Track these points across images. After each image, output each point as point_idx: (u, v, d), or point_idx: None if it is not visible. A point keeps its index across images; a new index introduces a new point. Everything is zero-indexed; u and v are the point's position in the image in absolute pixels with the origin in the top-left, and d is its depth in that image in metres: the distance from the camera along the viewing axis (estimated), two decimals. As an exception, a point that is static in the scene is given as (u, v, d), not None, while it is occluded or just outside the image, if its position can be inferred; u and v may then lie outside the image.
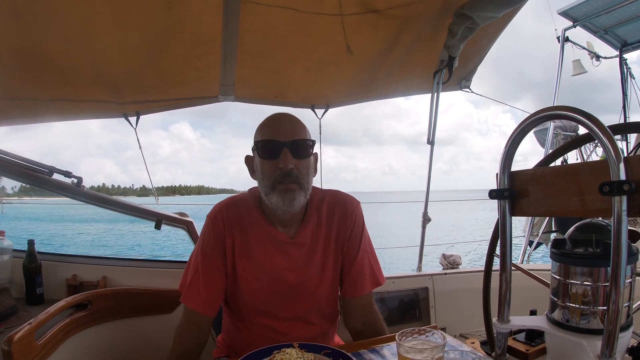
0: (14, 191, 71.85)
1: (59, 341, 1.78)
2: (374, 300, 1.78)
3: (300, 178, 1.52)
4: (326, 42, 2.49)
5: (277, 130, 1.53)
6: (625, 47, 5.77)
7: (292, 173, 1.49)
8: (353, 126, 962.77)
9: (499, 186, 1.36)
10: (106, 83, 2.51)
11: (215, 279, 1.62)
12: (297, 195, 1.51)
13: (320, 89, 3.16)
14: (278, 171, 1.49)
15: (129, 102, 2.82)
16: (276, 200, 1.51)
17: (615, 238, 1.03)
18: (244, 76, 2.74)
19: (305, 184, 1.54)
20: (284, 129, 1.53)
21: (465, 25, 2.28)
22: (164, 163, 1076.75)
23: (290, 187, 1.50)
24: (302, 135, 1.55)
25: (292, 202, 1.50)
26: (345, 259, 1.70)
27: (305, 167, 1.54)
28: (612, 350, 1.06)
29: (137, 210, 2.62)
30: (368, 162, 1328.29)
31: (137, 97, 2.79)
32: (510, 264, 1.39)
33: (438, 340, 1.17)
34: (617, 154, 1.02)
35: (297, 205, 1.52)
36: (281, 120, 1.57)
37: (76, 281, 2.38)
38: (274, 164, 1.50)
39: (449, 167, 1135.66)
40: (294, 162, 1.50)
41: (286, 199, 1.50)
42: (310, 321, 1.69)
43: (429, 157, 3.07)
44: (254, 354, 1.29)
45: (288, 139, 1.50)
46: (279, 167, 1.49)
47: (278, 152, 1.49)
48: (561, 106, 1.17)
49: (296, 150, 1.51)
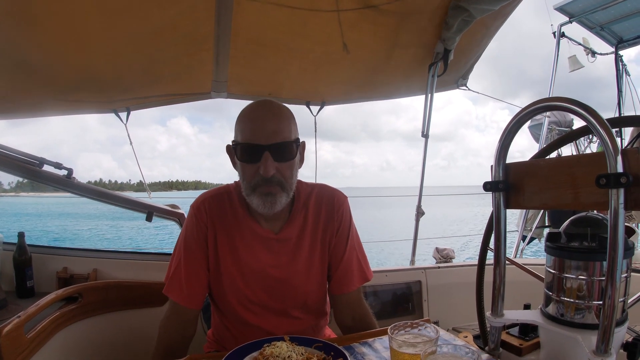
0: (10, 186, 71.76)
1: (49, 334, 1.76)
2: (362, 295, 1.76)
3: (283, 181, 1.46)
4: (322, 41, 2.46)
5: (257, 131, 1.43)
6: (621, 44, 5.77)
7: (273, 178, 1.43)
8: (352, 122, 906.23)
9: (494, 178, 1.35)
10: (95, 81, 2.46)
11: (197, 271, 1.59)
12: (278, 198, 1.46)
13: (315, 87, 3.12)
14: (259, 175, 1.43)
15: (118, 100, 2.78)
16: (257, 202, 1.46)
17: (612, 232, 1.02)
18: (238, 73, 2.69)
19: (289, 185, 1.48)
20: (266, 130, 1.42)
21: (462, 18, 2.27)
22: (162, 158, 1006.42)
23: (272, 190, 1.44)
24: (286, 135, 1.45)
25: (273, 205, 1.46)
26: (332, 256, 1.67)
27: (289, 169, 1.47)
28: (608, 346, 1.05)
29: (128, 202, 2.60)
30: (366, 158, 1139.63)
31: (127, 95, 2.74)
32: (504, 257, 1.38)
33: (431, 334, 1.15)
34: (615, 146, 1.00)
35: (278, 207, 1.47)
36: (263, 119, 1.45)
37: (67, 274, 2.35)
38: (254, 167, 1.43)
39: (447, 163, 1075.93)
40: (275, 166, 1.43)
41: (267, 202, 1.45)
42: (298, 317, 1.67)
43: (423, 150, 3.07)
44: (245, 347, 1.28)
45: (270, 141, 1.41)
46: (260, 172, 1.42)
47: (258, 156, 1.41)
48: (558, 97, 1.16)
49: (278, 153, 1.42)
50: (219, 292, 1.63)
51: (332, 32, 2.30)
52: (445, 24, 2.37)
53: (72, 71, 2.29)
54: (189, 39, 2.27)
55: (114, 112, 2.85)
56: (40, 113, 2.80)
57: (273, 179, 1.43)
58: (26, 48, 2.00)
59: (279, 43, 2.44)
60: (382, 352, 1.34)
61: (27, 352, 1.57)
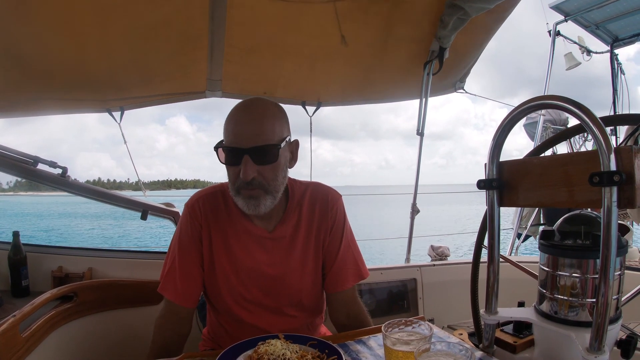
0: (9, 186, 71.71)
1: (44, 334, 1.76)
2: (357, 293, 1.75)
3: (265, 184, 1.44)
4: (318, 36, 2.45)
5: (238, 134, 1.42)
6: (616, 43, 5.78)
7: (253, 182, 1.42)
8: (351, 121, 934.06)
9: (488, 176, 1.35)
10: (88, 80, 2.45)
11: (191, 270, 1.59)
12: (262, 200, 1.45)
13: (311, 86, 3.10)
14: (240, 179, 1.42)
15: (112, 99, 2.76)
16: (241, 204, 1.47)
17: (605, 230, 1.02)
18: (232, 71, 2.68)
19: (272, 187, 1.46)
20: (246, 132, 1.41)
21: (457, 16, 2.27)
22: (161, 157, 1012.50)
23: (253, 193, 1.44)
24: (268, 137, 1.42)
25: (257, 208, 1.45)
26: (327, 254, 1.67)
27: (271, 172, 1.45)
28: (601, 343, 1.06)
29: (123, 200, 2.59)
30: (365, 156, 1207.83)
31: (121, 94, 2.72)
32: (498, 255, 1.38)
33: (425, 332, 1.15)
34: (608, 144, 1.01)
35: (263, 209, 1.47)
36: (244, 122, 1.43)
37: (62, 273, 2.35)
38: (236, 169, 1.42)
39: (445, 162, 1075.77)
40: (256, 169, 1.41)
41: (250, 205, 1.45)
42: (293, 315, 1.67)
43: (419, 148, 3.06)
44: (239, 345, 1.28)
45: (249, 144, 1.39)
46: (240, 176, 1.41)
47: (239, 159, 1.40)
48: (552, 95, 1.16)
49: (259, 156, 1.40)
50: (213, 290, 1.63)
51: (327, 25, 2.30)
52: (441, 22, 2.37)
53: (65, 69, 2.28)
54: (183, 37, 2.26)
55: (108, 111, 2.82)
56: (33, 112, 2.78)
57: (254, 182, 1.41)
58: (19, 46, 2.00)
59: (274, 39, 2.44)
60: (376, 350, 1.34)
61: (23, 351, 1.56)
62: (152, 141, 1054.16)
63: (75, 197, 2.56)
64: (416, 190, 3.05)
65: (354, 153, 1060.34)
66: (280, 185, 1.50)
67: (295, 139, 1.58)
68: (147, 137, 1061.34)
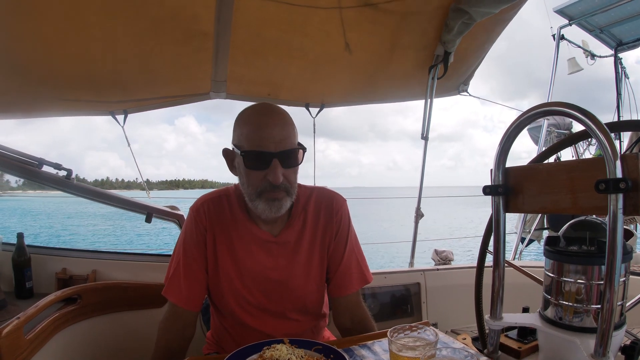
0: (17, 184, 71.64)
1: (48, 336, 1.76)
2: (361, 297, 1.76)
3: (289, 187, 1.47)
4: (322, 41, 2.45)
5: (266, 138, 1.41)
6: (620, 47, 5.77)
7: (281, 185, 1.44)
8: (359, 122, 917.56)
9: (493, 182, 1.35)
10: (91, 83, 2.45)
11: (196, 273, 1.59)
12: (284, 202, 1.47)
13: (315, 88, 3.10)
14: (266, 182, 1.43)
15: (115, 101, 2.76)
16: (262, 207, 1.47)
17: (611, 236, 1.02)
18: (237, 72, 2.67)
19: (293, 190, 1.50)
20: (274, 137, 1.42)
21: (462, 21, 2.27)
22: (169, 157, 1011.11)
23: (278, 196, 1.45)
24: (292, 142, 1.46)
25: (279, 210, 1.47)
26: (331, 258, 1.67)
27: (294, 175, 1.49)
28: (606, 349, 1.06)
29: (127, 203, 2.59)
30: (372, 158, 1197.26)
31: (125, 96, 2.72)
32: (503, 260, 1.39)
33: (430, 337, 1.15)
34: (614, 151, 1.01)
35: (283, 212, 1.49)
36: (270, 125, 1.43)
37: (66, 275, 2.34)
38: (262, 174, 1.43)
39: (454, 164, 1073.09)
40: (283, 173, 1.43)
41: (273, 207, 1.46)
42: (297, 319, 1.67)
43: (423, 152, 3.07)
44: (244, 349, 1.27)
45: (278, 149, 1.41)
46: (267, 178, 1.42)
47: (267, 163, 1.41)
48: (557, 102, 1.16)
49: (286, 160, 1.43)
50: (217, 294, 1.63)
51: (332, 31, 2.29)
52: (446, 26, 2.37)
53: (68, 71, 2.28)
54: (188, 37, 2.25)
55: (111, 114, 2.82)
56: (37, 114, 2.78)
57: (281, 185, 1.43)
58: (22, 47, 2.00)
59: (279, 41, 2.43)
60: (381, 355, 1.34)
61: (27, 354, 1.56)
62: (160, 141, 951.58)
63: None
64: (420, 194, 3.05)
65: (362, 154, 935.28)
66: (296, 187, 1.53)
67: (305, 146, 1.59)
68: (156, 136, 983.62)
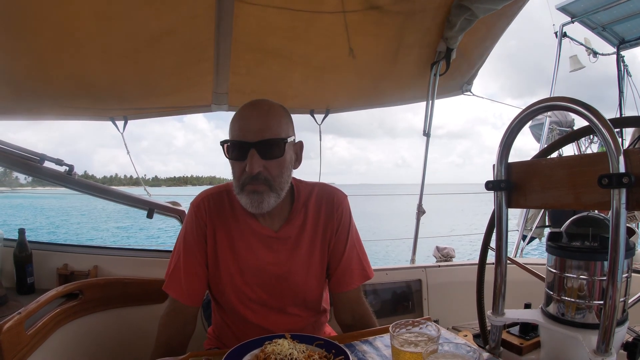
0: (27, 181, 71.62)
1: (49, 331, 1.77)
2: (362, 293, 1.76)
3: (270, 179, 1.45)
4: (326, 47, 2.43)
5: (245, 128, 1.44)
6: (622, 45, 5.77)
7: (259, 176, 1.43)
8: (368, 119, 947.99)
9: (496, 177, 1.35)
10: (91, 92, 2.45)
11: (196, 269, 1.59)
12: (265, 197, 1.45)
13: (319, 95, 3.09)
14: (245, 173, 1.43)
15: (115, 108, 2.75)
16: (245, 201, 1.47)
17: (614, 232, 1.01)
18: (239, 83, 2.65)
19: (277, 184, 1.47)
20: (252, 127, 1.43)
21: (464, 17, 2.26)
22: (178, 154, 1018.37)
23: (258, 188, 1.44)
24: (274, 132, 1.44)
25: (260, 204, 1.46)
26: (332, 254, 1.67)
27: (277, 167, 1.46)
28: (608, 346, 1.05)
29: (129, 199, 2.59)
30: (381, 154, 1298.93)
31: (125, 105, 2.72)
32: (505, 256, 1.38)
33: (432, 333, 1.15)
34: (617, 146, 1.00)
35: (266, 207, 1.47)
36: (250, 117, 1.46)
37: (67, 270, 2.34)
38: (242, 165, 1.44)
39: (462, 161, 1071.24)
40: (262, 164, 1.43)
41: (254, 201, 1.45)
42: (297, 314, 1.67)
43: (425, 149, 3.06)
44: (245, 344, 1.27)
45: (256, 138, 1.41)
46: (246, 170, 1.42)
47: (245, 153, 1.42)
48: (560, 97, 1.16)
49: (265, 151, 1.42)
50: (218, 289, 1.64)
51: (336, 36, 2.28)
52: (448, 22, 2.36)
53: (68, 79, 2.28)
54: (188, 48, 2.25)
55: (111, 120, 2.82)
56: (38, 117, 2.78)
57: (259, 176, 1.43)
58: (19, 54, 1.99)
59: (282, 49, 2.41)
60: (383, 351, 1.34)
61: (28, 349, 1.57)
62: (170, 138, 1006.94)
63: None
64: (422, 191, 3.04)
65: (370, 151, 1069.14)
66: (285, 183, 1.51)
67: (300, 141, 1.58)
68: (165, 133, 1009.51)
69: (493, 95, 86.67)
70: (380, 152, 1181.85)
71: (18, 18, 1.77)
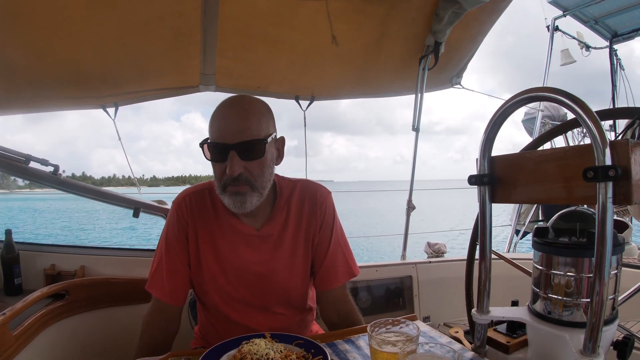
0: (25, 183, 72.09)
1: (35, 332, 1.76)
2: (348, 291, 1.74)
3: (252, 180, 1.43)
4: (310, 32, 2.43)
5: (224, 129, 1.40)
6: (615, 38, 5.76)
7: (240, 177, 1.40)
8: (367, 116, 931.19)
9: (479, 171, 1.32)
10: (81, 77, 2.44)
11: (178, 268, 1.57)
12: (248, 197, 1.43)
13: (304, 80, 3.08)
14: (226, 175, 1.41)
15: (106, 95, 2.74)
16: (227, 201, 1.45)
17: (600, 227, 0.99)
18: (226, 66, 2.66)
19: (259, 184, 1.45)
20: (231, 128, 1.40)
21: (452, 10, 2.24)
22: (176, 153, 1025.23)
23: (240, 190, 1.42)
24: (253, 133, 1.40)
25: (243, 205, 1.43)
26: (316, 252, 1.65)
27: (258, 167, 1.43)
28: (596, 345, 1.03)
29: (115, 198, 2.58)
30: (379, 151, 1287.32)
31: (115, 90, 2.71)
32: (490, 252, 1.36)
33: (412, 332, 1.12)
34: (603, 137, 0.98)
35: (249, 207, 1.45)
36: (229, 117, 1.42)
37: (54, 271, 2.34)
38: (222, 166, 1.41)
39: (460, 157, 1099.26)
40: (242, 165, 1.40)
41: (236, 202, 1.43)
42: (281, 313, 1.65)
43: (414, 144, 3.05)
44: (223, 344, 1.26)
45: (235, 140, 1.38)
46: (227, 172, 1.40)
47: (225, 155, 1.39)
48: (544, 87, 1.13)
49: (245, 152, 1.39)
50: (201, 289, 1.62)
51: (321, 24, 2.27)
52: (436, 16, 2.35)
53: (57, 67, 2.26)
54: (175, 32, 2.25)
55: (102, 107, 2.80)
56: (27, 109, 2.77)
57: (240, 178, 1.40)
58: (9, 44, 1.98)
59: (267, 34, 2.41)
60: (365, 350, 1.32)
61: (13, 349, 1.57)
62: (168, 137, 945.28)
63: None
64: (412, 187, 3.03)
65: (369, 148, 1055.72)
66: (267, 182, 1.48)
67: (282, 136, 1.56)
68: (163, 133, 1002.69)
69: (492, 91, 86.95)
70: (379, 148, 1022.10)
71: (8, 7, 1.76)
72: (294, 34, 2.43)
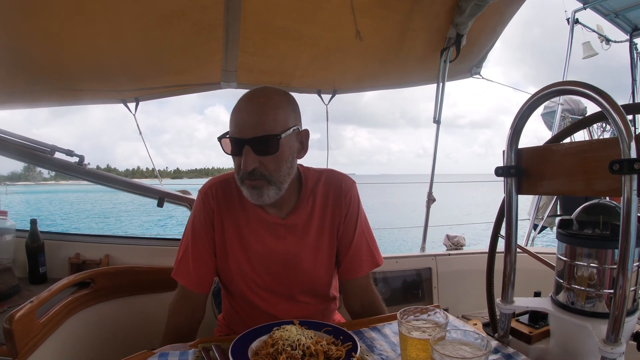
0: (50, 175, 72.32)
1: (61, 319, 1.79)
2: (371, 281, 1.75)
3: (267, 174, 1.43)
4: (333, 29, 2.44)
5: (240, 124, 1.40)
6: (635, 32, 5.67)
7: (255, 172, 1.41)
8: (391, 109, 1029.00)
9: (506, 163, 1.33)
10: (102, 71, 2.47)
11: (204, 256, 1.59)
12: (265, 191, 1.43)
13: (326, 76, 3.09)
14: (242, 169, 1.41)
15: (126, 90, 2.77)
16: (246, 194, 1.46)
17: (625, 219, 1.00)
18: (247, 62, 2.67)
19: (275, 178, 1.44)
20: (247, 123, 1.39)
21: (474, 2, 2.24)
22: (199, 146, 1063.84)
23: (257, 184, 1.43)
24: (268, 128, 1.39)
25: (260, 197, 1.44)
26: (341, 241, 1.66)
27: (273, 162, 1.42)
28: (618, 335, 1.04)
29: (139, 188, 2.61)
30: (402, 145, 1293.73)
31: (135, 85, 2.74)
32: (515, 245, 1.37)
33: (440, 320, 1.15)
34: (629, 131, 0.99)
35: (267, 200, 1.45)
36: (245, 112, 1.41)
37: (79, 260, 2.37)
38: (239, 160, 1.42)
39: (485, 151, 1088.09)
40: (257, 160, 1.40)
41: (254, 195, 1.44)
42: (306, 302, 1.67)
43: (435, 136, 3.05)
44: (254, 330, 1.28)
45: (249, 135, 1.37)
46: (241, 167, 1.41)
47: (240, 150, 1.39)
48: (571, 81, 1.14)
49: (259, 147, 1.38)
50: (227, 277, 1.64)
51: (343, 19, 2.27)
52: (458, 8, 2.35)
53: (78, 60, 2.29)
54: (197, 27, 2.26)
55: (123, 102, 2.85)
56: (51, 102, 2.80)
57: (255, 172, 1.41)
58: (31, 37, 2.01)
59: (289, 30, 2.41)
60: (391, 337, 1.34)
61: (40, 337, 1.59)
62: (191, 130, 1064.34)
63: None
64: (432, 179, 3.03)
65: (391, 141, 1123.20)
66: (285, 175, 1.47)
67: (305, 129, 1.54)
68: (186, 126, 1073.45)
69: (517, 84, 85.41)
70: (402, 142, 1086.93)
71: (26, 8, 1.78)
72: (316, 29, 2.43)
